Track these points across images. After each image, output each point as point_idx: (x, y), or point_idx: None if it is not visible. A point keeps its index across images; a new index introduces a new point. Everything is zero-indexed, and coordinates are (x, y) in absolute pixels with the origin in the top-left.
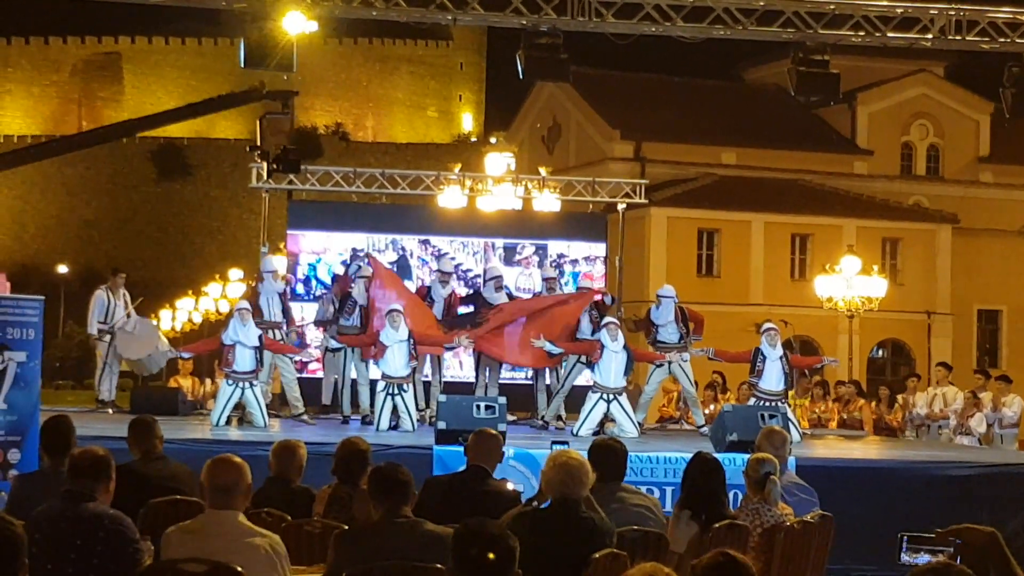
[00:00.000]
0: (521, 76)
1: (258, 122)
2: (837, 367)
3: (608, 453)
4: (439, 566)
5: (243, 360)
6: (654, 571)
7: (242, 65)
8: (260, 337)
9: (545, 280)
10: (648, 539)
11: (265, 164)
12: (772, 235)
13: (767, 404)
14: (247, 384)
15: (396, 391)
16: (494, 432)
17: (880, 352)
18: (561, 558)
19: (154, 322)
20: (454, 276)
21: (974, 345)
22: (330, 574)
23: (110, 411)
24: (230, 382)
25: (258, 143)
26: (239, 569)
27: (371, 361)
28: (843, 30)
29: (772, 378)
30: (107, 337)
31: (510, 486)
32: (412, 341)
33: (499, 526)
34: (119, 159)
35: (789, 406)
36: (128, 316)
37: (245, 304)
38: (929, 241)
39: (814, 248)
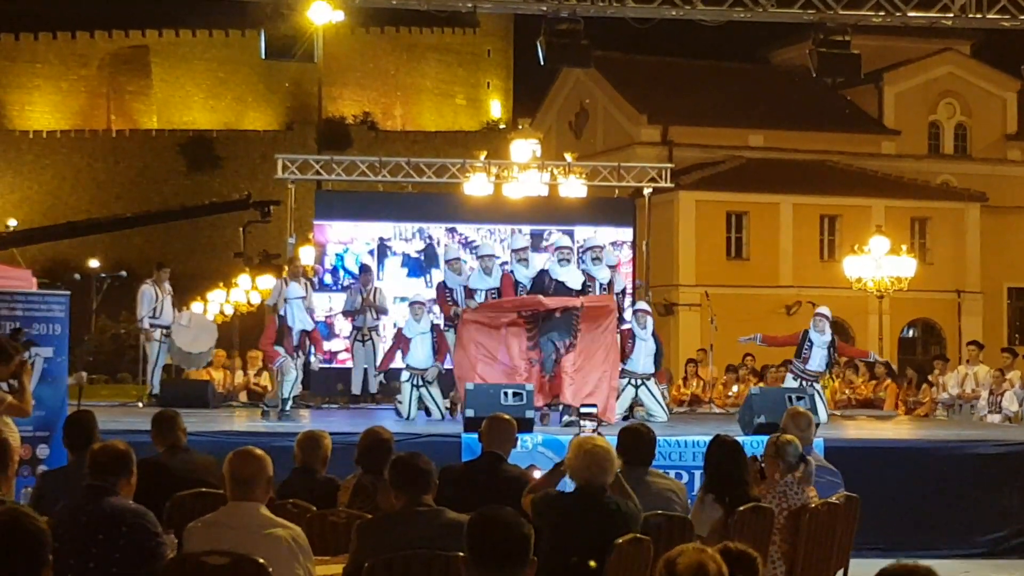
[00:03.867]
0: (542, 63)
1: (241, 229)
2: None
3: (636, 438)
4: (460, 554)
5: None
6: (700, 556)
7: (263, 56)
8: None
9: (558, 249)
10: (672, 523)
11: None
12: (801, 217)
13: (804, 383)
14: None
15: (420, 382)
16: (507, 417)
17: (911, 332)
18: (586, 543)
19: (210, 318)
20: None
21: (1005, 323)
22: (352, 564)
23: (140, 404)
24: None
25: (242, 249)
26: (261, 561)
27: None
28: (863, 10)
29: (815, 361)
30: (158, 333)
31: (537, 474)
32: (435, 334)
33: (513, 513)
34: (148, 152)
35: (819, 382)
36: (180, 312)
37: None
38: (958, 220)
39: (843, 229)
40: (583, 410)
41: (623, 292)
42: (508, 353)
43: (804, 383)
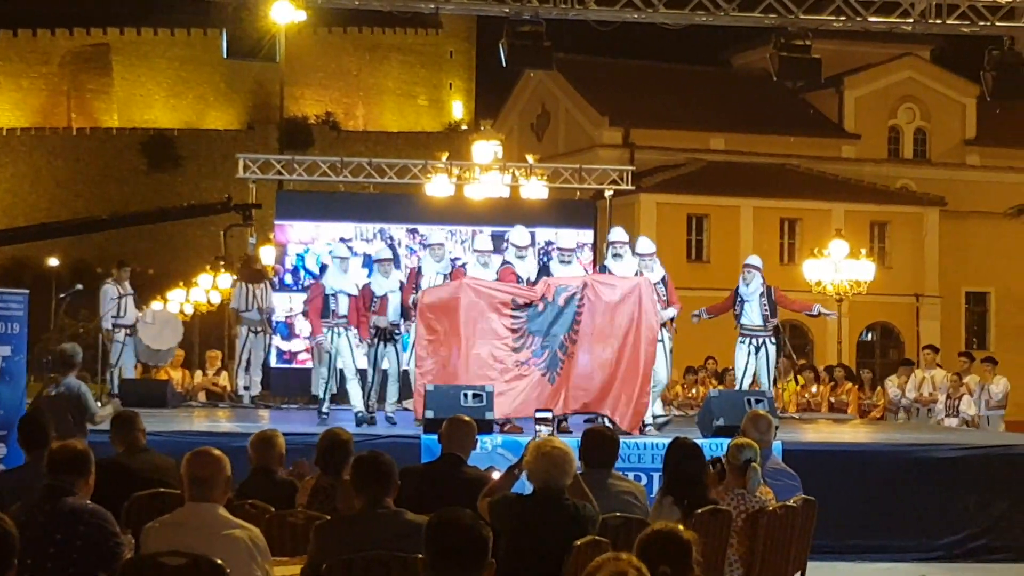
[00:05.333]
0: (504, 64)
1: (222, 233)
2: (830, 323)
3: (600, 440)
4: (420, 556)
5: None
6: (618, 566)
7: (224, 55)
8: None
9: (558, 251)
10: (631, 526)
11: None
12: (761, 220)
13: (753, 340)
14: None
15: (388, 336)
16: (467, 419)
17: (869, 335)
18: (544, 546)
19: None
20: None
21: (962, 327)
22: (311, 565)
23: (99, 404)
24: None
25: (223, 252)
26: (219, 562)
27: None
28: (824, 15)
29: (753, 314)
30: (121, 333)
31: (496, 475)
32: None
33: (472, 515)
34: (109, 151)
35: (776, 385)
36: (142, 312)
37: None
38: (917, 224)
39: (803, 232)
40: (538, 415)
41: (663, 281)
42: (466, 351)
43: (751, 343)
